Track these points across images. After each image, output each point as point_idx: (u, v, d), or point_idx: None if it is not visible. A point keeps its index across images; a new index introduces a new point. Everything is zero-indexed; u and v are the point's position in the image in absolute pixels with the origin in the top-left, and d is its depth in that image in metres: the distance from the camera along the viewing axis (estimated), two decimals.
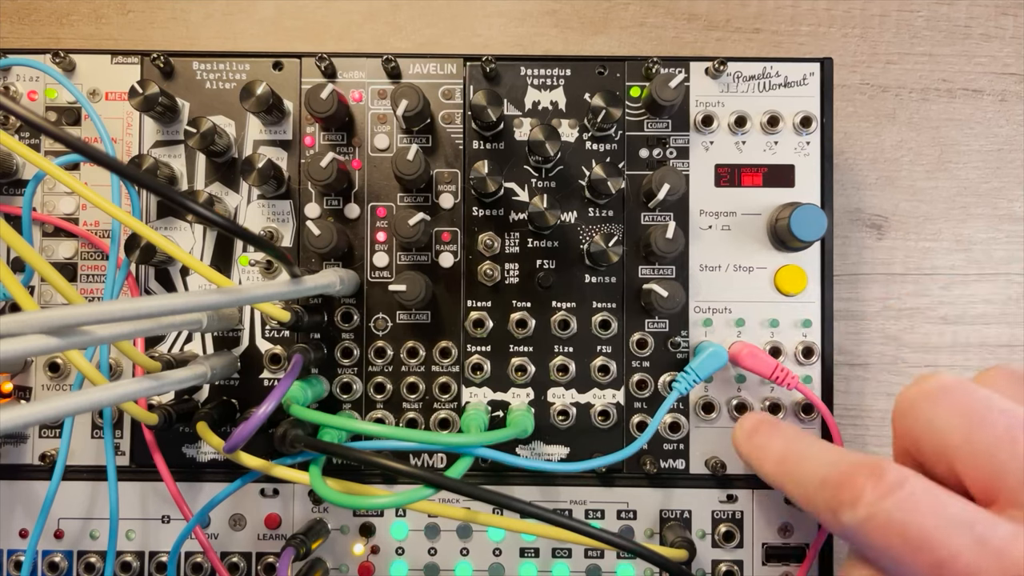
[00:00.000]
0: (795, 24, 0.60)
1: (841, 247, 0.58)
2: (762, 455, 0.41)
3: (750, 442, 0.43)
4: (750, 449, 0.43)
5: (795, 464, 0.38)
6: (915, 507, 0.29)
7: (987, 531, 0.27)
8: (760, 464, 0.41)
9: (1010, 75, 0.59)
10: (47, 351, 0.30)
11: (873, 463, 0.31)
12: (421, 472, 0.39)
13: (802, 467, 0.37)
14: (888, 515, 0.29)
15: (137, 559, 0.50)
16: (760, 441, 0.42)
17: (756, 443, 0.42)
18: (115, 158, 0.35)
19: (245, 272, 0.50)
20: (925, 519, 0.28)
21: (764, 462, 0.41)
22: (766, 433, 0.42)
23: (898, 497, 0.29)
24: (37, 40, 0.59)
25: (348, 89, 0.50)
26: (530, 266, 0.50)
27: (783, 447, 0.40)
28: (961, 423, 0.31)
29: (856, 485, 0.31)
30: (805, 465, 0.36)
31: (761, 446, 0.42)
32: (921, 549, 0.28)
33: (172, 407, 0.45)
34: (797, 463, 0.37)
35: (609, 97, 0.47)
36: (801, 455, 0.37)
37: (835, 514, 0.32)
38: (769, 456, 0.40)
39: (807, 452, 0.37)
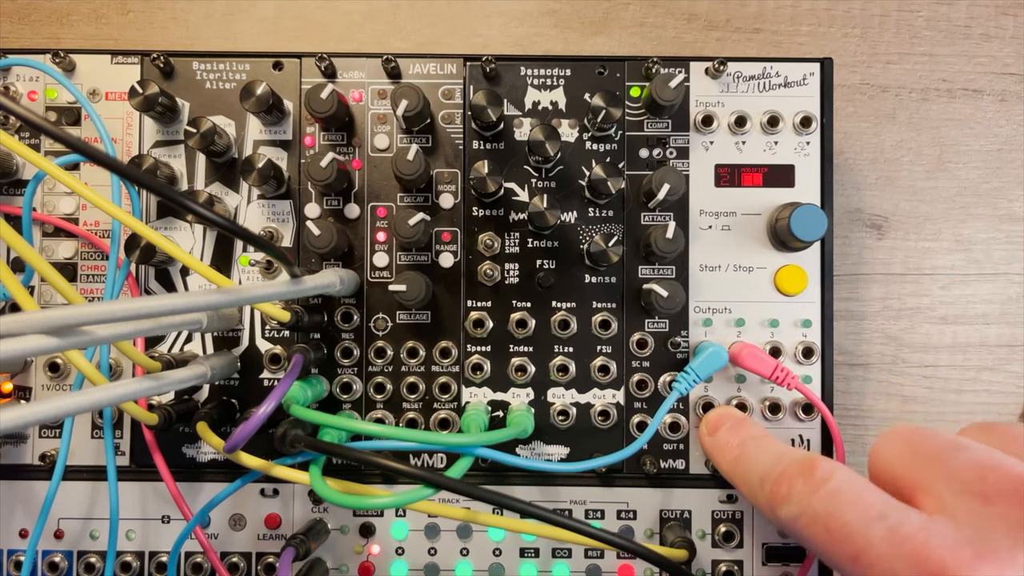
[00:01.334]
0: (795, 24, 0.60)
1: (841, 247, 0.58)
2: (719, 453, 0.43)
3: (711, 439, 0.45)
4: (710, 446, 0.45)
5: (745, 462, 0.40)
6: (837, 502, 0.31)
7: (899, 521, 0.29)
8: (717, 461, 0.44)
9: (1010, 75, 0.59)
10: (47, 351, 0.30)
11: (806, 460, 0.34)
12: (421, 472, 0.39)
13: (750, 464, 0.39)
14: (814, 510, 0.31)
15: (137, 559, 0.50)
16: (720, 438, 0.44)
17: (716, 440, 0.44)
18: (115, 158, 0.35)
19: (245, 272, 0.50)
20: (845, 513, 0.30)
21: (720, 460, 0.43)
22: (726, 431, 0.44)
23: (823, 492, 0.31)
24: (37, 40, 0.59)
25: (348, 89, 0.50)
26: (530, 266, 0.50)
27: (739, 445, 0.42)
28: (902, 444, 0.33)
29: (789, 481, 0.33)
30: (752, 463, 0.39)
31: (720, 444, 0.44)
32: (842, 541, 0.30)
33: (172, 407, 0.45)
34: (747, 461, 0.40)
35: (609, 97, 0.47)
36: (752, 454, 0.40)
37: (773, 510, 0.34)
38: (725, 454, 0.43)
39: (758, 451, 0.39)
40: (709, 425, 0.46)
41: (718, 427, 0.45)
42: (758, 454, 0.39)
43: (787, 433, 0.50)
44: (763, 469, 0.37)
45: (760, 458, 0.39)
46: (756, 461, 0.39)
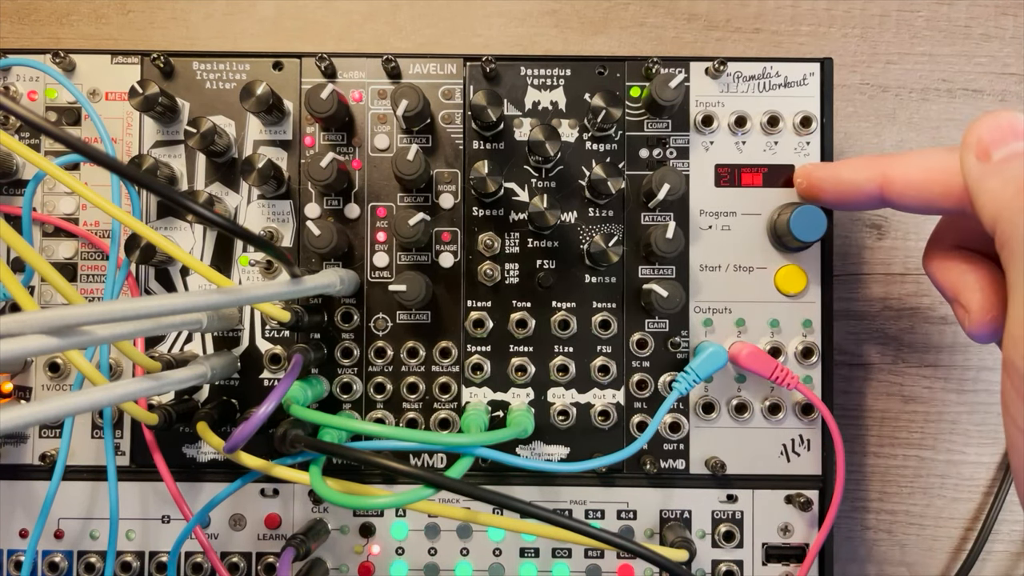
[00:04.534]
0: (795, 24, 0.60)
1: (841, 247, 0.58)
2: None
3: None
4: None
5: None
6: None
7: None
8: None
9: (1010, 75, 0.59)
10: (47, 351, 0.30)
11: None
12: (421, 472, 0.39)
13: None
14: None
15: (137, 559, 0.50)
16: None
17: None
18: (115, 158, 0.35)
19: (245, 272, 0.50)
20: None
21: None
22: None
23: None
24: (37, 40, 0.59)
25: (348, 89, 0.50)
26: (530, 266, 0.50)
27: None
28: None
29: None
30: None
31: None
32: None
33: (172, 407, 0.45)
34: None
35: (609, 97, 0.47)
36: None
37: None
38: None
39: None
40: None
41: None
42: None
43: (787, 433, 0.50)
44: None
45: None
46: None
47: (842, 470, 0.48)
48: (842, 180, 0.39)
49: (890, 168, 0.35)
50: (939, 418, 0.59)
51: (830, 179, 0.40)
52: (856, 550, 0.59)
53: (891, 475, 0.59)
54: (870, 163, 0.37)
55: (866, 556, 0.59)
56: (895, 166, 0.35)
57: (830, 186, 0.40)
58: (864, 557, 0.59)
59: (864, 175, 0.37)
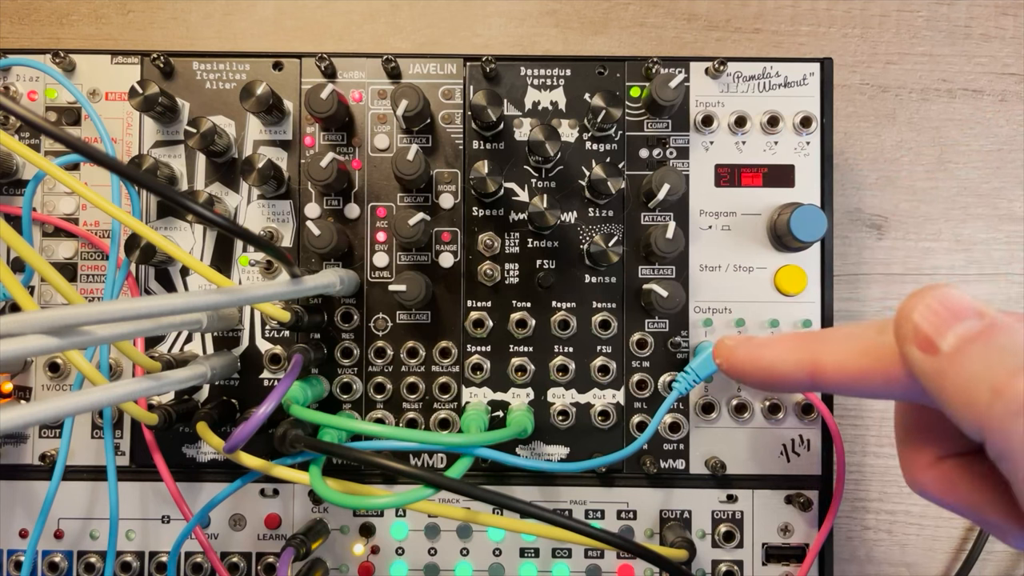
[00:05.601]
0: (795, 24, 0.60)
1: (841, 247, 0.58)
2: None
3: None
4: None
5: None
6: None
7: None
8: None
9: (1010, 75, 0.59)
10: (47, 351, 0.30)
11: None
12: (421, 472, 0.39)
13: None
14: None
15: (137, 559, 0.50)
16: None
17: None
18: (115, 158, 0.35)
19: (245, 272, 0.50)
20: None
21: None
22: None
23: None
24: (37, 40, 0.59)
25: (348, 89, 0.50)
26: (530, 266, 0.50)
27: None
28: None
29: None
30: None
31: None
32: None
33: (172, 407, 0.45)
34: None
35: (609, 97, 0.47)
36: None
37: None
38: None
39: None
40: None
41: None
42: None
43: (787, 433, 0.50)
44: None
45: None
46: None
47: (842, 470, 0.48)
48: (767, 367, 0.33)
49: (820, 354, 0.31)
50: None
51: (752, 363, 0.34)
52: (856, 550, 0.59)
53: (891, 475, 0.59)
54: (798, 346, 0.32)
55: (866, 556, 0.59)
56: (826, 352, 0.30)
57: (752, 370, 0.34)
58: (864, 557, 0.59)
59: (791, 361, 0.32)
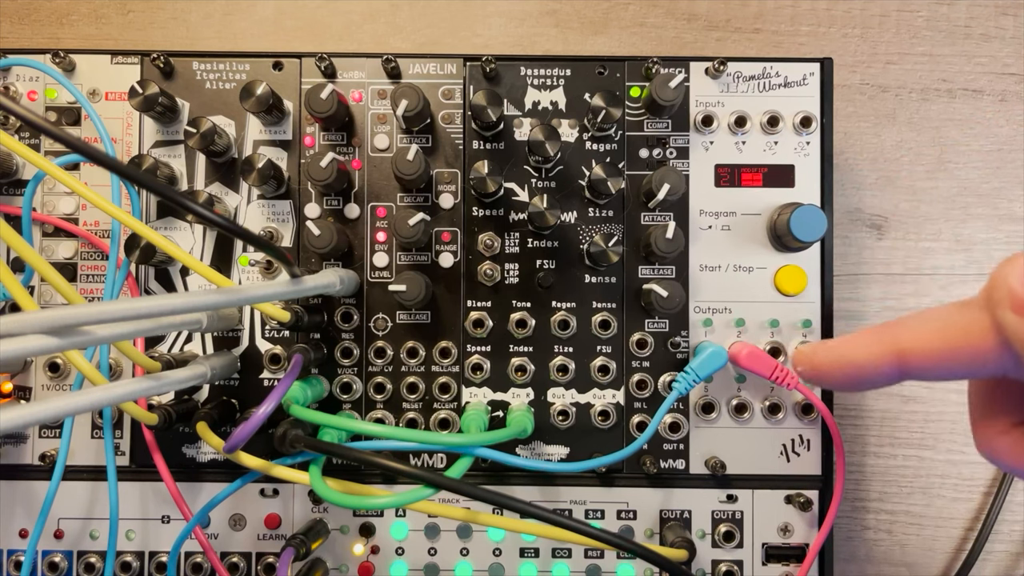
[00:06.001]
0: (795, 24, 0.60)
1: (841, 247, 0.58)
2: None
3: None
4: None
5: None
6: None
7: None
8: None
9: (1010, 75, 0.59)
10: (47, 351, 0.30)
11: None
12: (421, 472, 0.39)
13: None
14: None
15: (137, 559, 0.50)
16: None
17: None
18: (115, 158, 0.35)
19: (245, 272, 0.50)
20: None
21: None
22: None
23: None
24: (37, 40, 0.59)
25: (348, 89, 0.50)
26: (530, 266, 0.50)
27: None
28: None
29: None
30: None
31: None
32: None
33: (172, 407, 0.45)
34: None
35: (609, 97, 0.47)
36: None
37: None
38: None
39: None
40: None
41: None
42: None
43: (787, 433, 0.50)
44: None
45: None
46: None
47: (842, 470, 0.48)
48: (851, 364, 0.32)
49: (903, 341, 0.30)
50: (939, 418, 0.59)
51: (837, 363, 0.33)
52: (856, 550, 0.59)
53: (891, 475, 0.59)
54: (879, 337, 0.31)
55: (866, 556, 0.59)
56: (908, 338, 0.30)
57: (839, 371, 0.33)
58: (864, 557, 0.59)
59: (875, 354, 0.31)
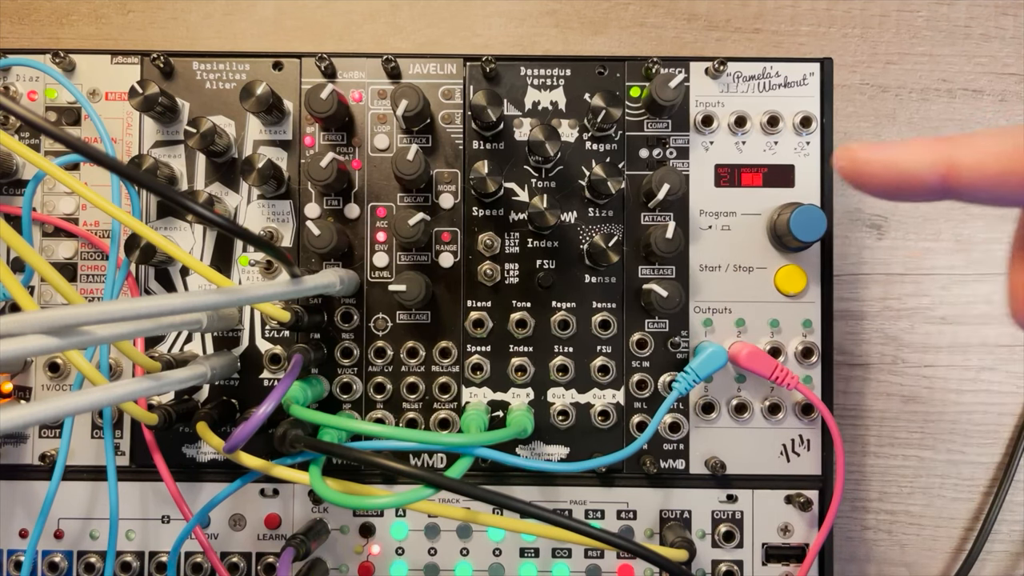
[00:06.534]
0: (795, 24, 0.60)
1: (841, 247, 0.58)
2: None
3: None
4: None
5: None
6: None
7: None
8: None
9: (1010, 75, 0.59)
10: (47, 351, 0.30)
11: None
12: (421, 472, 0.39)
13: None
14: None
15: (137, 559, 0.50)
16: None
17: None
18: (115, 158, 0.35)
19: (245, 272, 0.50)
20: None
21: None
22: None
23: None
24: (37, 40, 0.59)
25: (348, 89, 0.50)
26: (530, 266, 0.50)
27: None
28: None
29: None
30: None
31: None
32: None
33: (172, 407, 0.45)
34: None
35: (609, 97, 0.47)
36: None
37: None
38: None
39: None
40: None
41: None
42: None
43: (787, 433, 0.50)
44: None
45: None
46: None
47: (842, 470, 0.48)
48: (897, 165, 0.31)
49: (957, 154, 0.29)
50: (939, 418, 0.59)
51: (882, 163, 0.32)
52: (856, 550, 0.59)
53: (891, 475, 0.59)
54: (932, 146, 0.30)
55: (866, 556, 0.59)
56: (963, 152, 0.29)
57: (881, 171, 0.32)
58: (864, 557, 0.59)
59: (925, 161, 0.30)
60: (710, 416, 0.50)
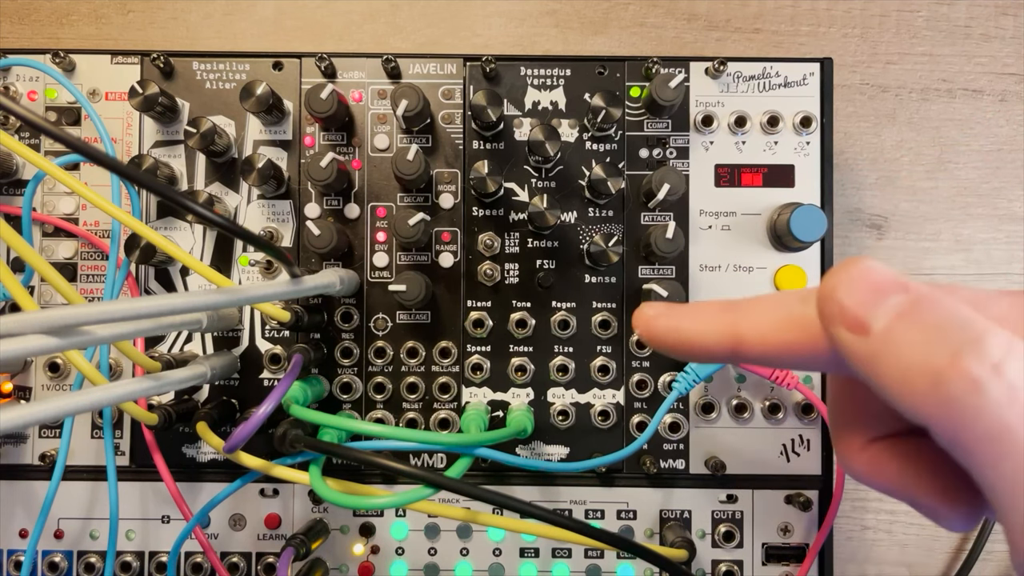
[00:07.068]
0: (795, 24, 0.60)
1: (841, 247, 0.58)
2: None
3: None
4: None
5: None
6: None
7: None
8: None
9: (1010, 75, 0.59)
10: (47, 351, 0.30)
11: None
12: (421, 472, 0.39)
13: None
14: None
15: (137, 559, 0.50)
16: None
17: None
18: (115, 158, 0.35)
19: (245, 272, 0.50)
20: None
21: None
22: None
23: None
24: (37, 40, 0.59)
25: (348, 89, 0.50)
26: (530, 266, 0.50)
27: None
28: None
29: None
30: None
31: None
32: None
33: (172, 407, 0.45)
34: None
35: (609, 97, 0.47)
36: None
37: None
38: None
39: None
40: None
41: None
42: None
43: (787, 433, 0.50)
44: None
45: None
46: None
47: (842, 470, 0.48)
48: (687, 339, 0.31)
49: (741, 326, 0.29)
50: None
51: (672, 333, 0.31)
52: (856, 550, 0.59)
53: None
54: (718, 316, 0.30)
55: (866, 556, 0.59)
56: (747, 323, 0.29)
57: (672, 343, 0.31)
58: (864, 557, 0.59)
59: (712, 333, 0.30)
60: (710, 416, 0.50)
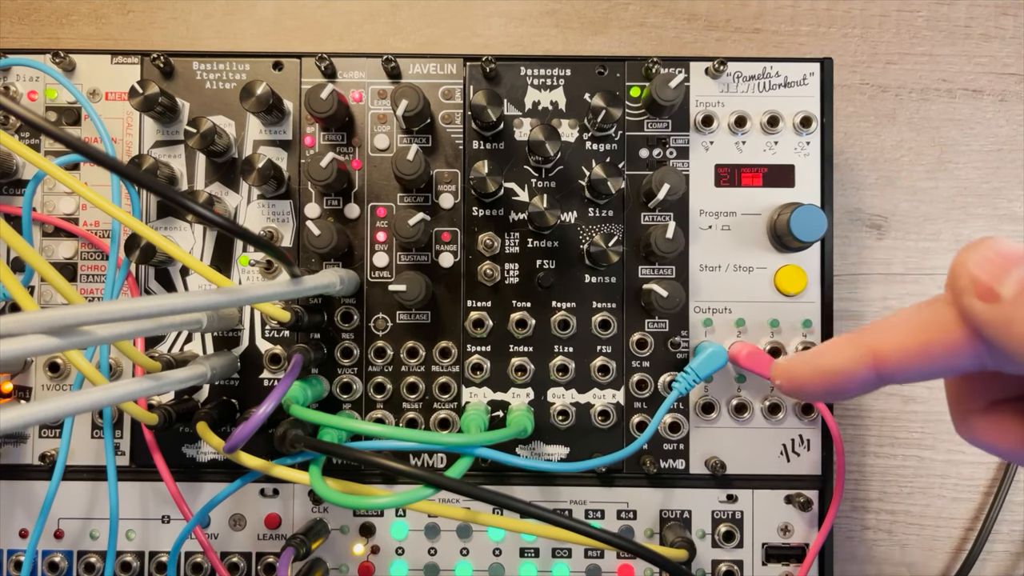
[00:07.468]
0: (795, 24, 0.60)
1: (841, 247, 0.58)
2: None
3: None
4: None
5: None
6: None
7: None
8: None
9: (1010, 75, 0.59)
10: (47, 351, 0.30)
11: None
12: (421, 472, 0.39)
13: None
14: None
15: (137, 559, 0.50)
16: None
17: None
18: (115, 158, 0.35)
19: (245, 272, 0.50)
20: None
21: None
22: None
23: None
24: (37, 40, 0.59)
25: (348, 89, 0.50)
26: (530, 266, 0.50)
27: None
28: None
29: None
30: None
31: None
32: None
33: (172, 407, 0.45)
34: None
35: (609, 97, 0.47)
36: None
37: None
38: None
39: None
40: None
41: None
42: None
43: (787, 433, 0.50)
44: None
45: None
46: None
47: (842, 470, 0.48)
48: (828, 371, 0.31)
49: (877, 344, 0.30)
50: (939, 418, 0.59)
51: (814, 373, 0.32)
52: (856, 550, 0.59)
53: (891, 475, 0.59)
54: (852, 343, 0.31)
55: (866, 556, 0.59)
56: (882, 340, 0.29)
57: (817, 381, 0.32)
58: (864, 557, 0.59)
59: (852, 359, 0.30)
60: (710, 416, 0.50)
